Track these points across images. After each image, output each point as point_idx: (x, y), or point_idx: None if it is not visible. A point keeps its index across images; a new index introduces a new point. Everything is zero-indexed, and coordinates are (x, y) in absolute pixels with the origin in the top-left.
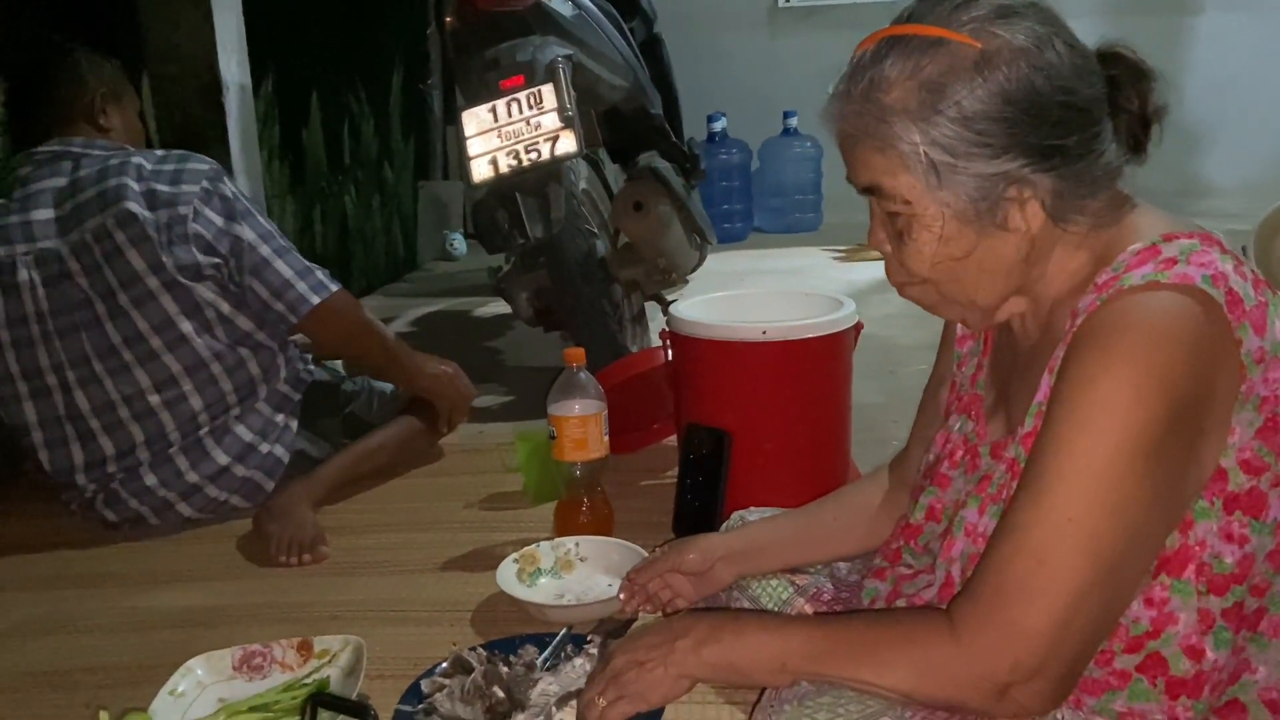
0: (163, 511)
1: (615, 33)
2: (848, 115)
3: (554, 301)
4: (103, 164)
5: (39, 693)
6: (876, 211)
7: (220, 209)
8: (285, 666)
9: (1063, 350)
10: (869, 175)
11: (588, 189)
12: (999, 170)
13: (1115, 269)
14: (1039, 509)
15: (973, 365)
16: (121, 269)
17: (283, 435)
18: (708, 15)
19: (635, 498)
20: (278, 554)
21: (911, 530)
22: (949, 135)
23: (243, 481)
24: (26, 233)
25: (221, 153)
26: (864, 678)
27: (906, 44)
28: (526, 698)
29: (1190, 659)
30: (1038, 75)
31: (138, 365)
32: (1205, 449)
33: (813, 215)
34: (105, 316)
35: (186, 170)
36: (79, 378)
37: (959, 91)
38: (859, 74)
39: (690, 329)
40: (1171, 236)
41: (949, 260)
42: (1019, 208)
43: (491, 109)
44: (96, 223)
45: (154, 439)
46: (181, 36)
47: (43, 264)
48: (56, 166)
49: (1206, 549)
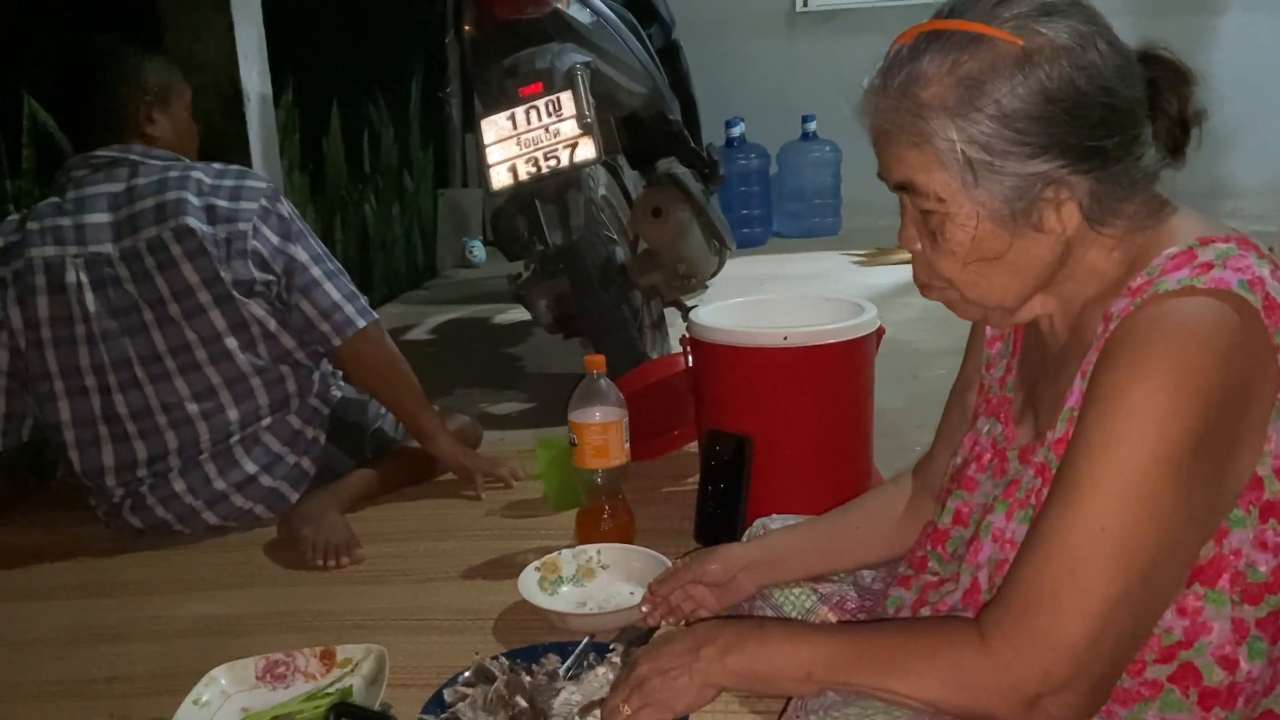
0: (188, 519)
1: (633, 39)
2: (883, 110)
3: (573, 308)
4: (161, 174)
5: (64, 701)
6: (908, 209)
7: (277, 228)
8: (308, 675)
9: (1094, 354)
10: (903, 172)
11: (607, 195)
12: (1037, 170)
13: (1149, 273)
14: (1071, 517)
15: (1001, 367)
16: (175, 280)
17: (310, 448)
18: (726, 20)
19: (656, 505)
20: (315, 558)
21: (938, 535)
22: (987, 133)
23: (268, 491)
24: (79, 235)
25: (242, 163)
26: (891, 687)
27: (946, 39)
28: (549, 707)
29: (1224, 669)
30: (1080, 74)
31: (179, 374)
32: (1241, 457)
33: (832, 220)
34: (153, 324)
35: (245, 187)
36: (120, 381)
37: (999, 89)
38: (896, 69)
39: (710, 335)
40: (1208, 240)
41: (981, 261)
42: (1055, 209)
43: (510, 116)
44: (153, 233)
45: (186, 446)
46: (203, 47)
47: (92, 268)
48: (113, 172)
49: (1241, 558)
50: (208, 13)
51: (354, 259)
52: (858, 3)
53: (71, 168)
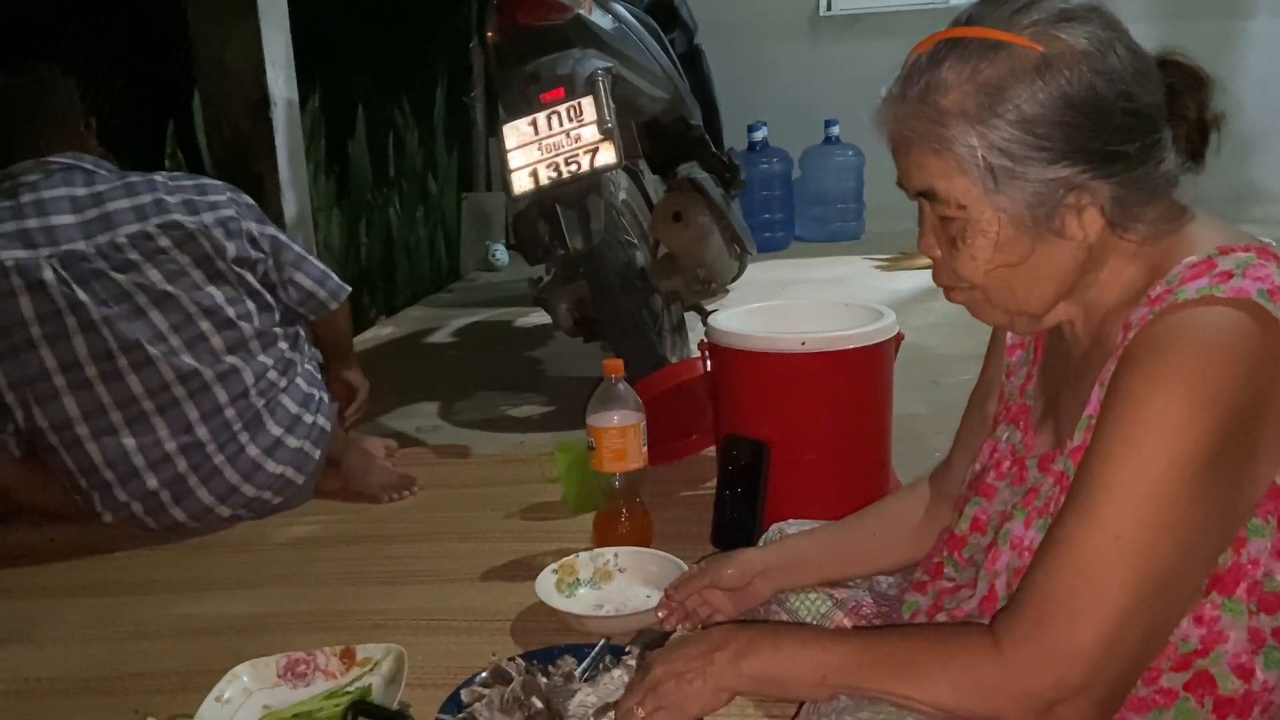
0: (228, 497)
1: (655, 45)
2: (902, 118)
3: (594, 312)
4: (122, 180)
5: (87, 698)
6: (928, 216)
7: (250, 214)
8: (328, 674)
9: (1114, 363)
10: (923, 179)
11: (627, 200)
12: (1058, 176)
13: (1169, 282)
14: (1088, 525)
15: (1022, 375)
16: (165, 264)
17: (321, 407)
18: (750, 24)
19: (674, 509)
20: (385, 495)
21: (955, 541)
22: (1008, 139)
23: (295, 453)
24: (49, 236)
25: (269, 167)
26: (904, 692)
27: (965, 47)
28: (565, 708)
29: (1239, 678)
30: (1100, 80)
31: (186, 349)
32: (1259, 466)
33: (855, 224)
34: (149, 305)
35: (208, 185)
36: (131, 363)
37: (1019, 95)
38: (915, 77)
39: (729, 340)
40: (1228, 250)
41: (1003, 267)
42: (1076, 215)
43: (532, 122)
44: (134, 229)
45: (209, 416)
46: (231, 53)
47: (69, 264)
48: (69, 176)
49: (1259, 567)
50: (235, 19)
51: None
52: (881, 7)
53: (20, 172)
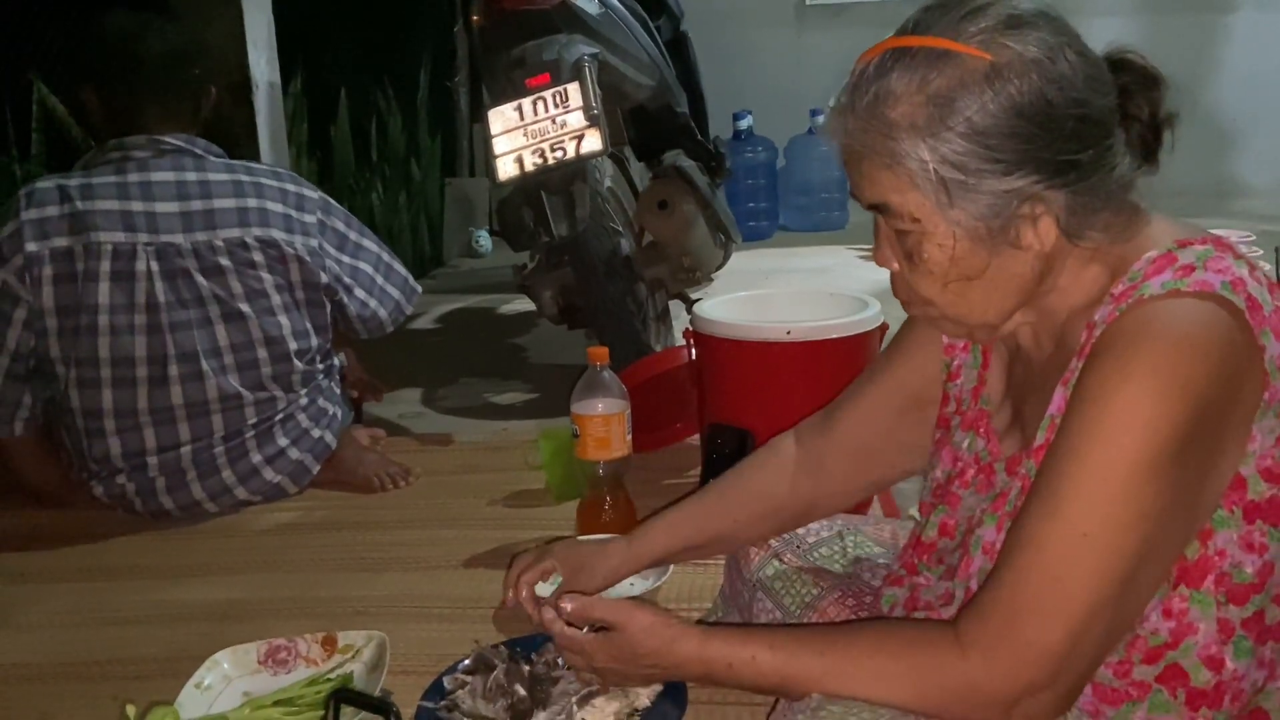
0: (219, 496)
1: (641, 31)
2: (852, 131)
3: (578, 299)
4: (229, 175)
5: (66, 684)
6: (883, 229)
7: (334, 241)
8: (310, 661)
9: (1078, 363)
10: (876, 193)
11: (613, 187)
12: (1012, 187)
13: (1132, 278)
14: (1053, 523)
15: (973, 378)
16: (251, 280)
17: (332, 423)
18: (735, 13)
19: (658, 497)
20: (382, 485)
21: (924, 547)
22: (959, 151)
23: (294, 464)
24: (150, 223)
25: (251, 150)
26: (868, 698)
27: (912, 56)
28: (548, 696)
29: (1210, 669)
30: (1050, 87)
31: (235, 370)
32: (1225, 457)
33: (839, 214)
34: (219, 319)
35: (305, 198)
36: (182, 374)
37: (969, 106)
38: (863, 87)
39: (714, 328)
40: (1186, 243)
41: (960, 280)
42: (1032, 225)
43: (517, 107)
44: (234, 234)
45: (230, 433)
46: (212, 35)
47: (164, 257)
48: (179, 160)
49: (1226, 558)
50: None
51: None
52: None
53: (132, 146)
